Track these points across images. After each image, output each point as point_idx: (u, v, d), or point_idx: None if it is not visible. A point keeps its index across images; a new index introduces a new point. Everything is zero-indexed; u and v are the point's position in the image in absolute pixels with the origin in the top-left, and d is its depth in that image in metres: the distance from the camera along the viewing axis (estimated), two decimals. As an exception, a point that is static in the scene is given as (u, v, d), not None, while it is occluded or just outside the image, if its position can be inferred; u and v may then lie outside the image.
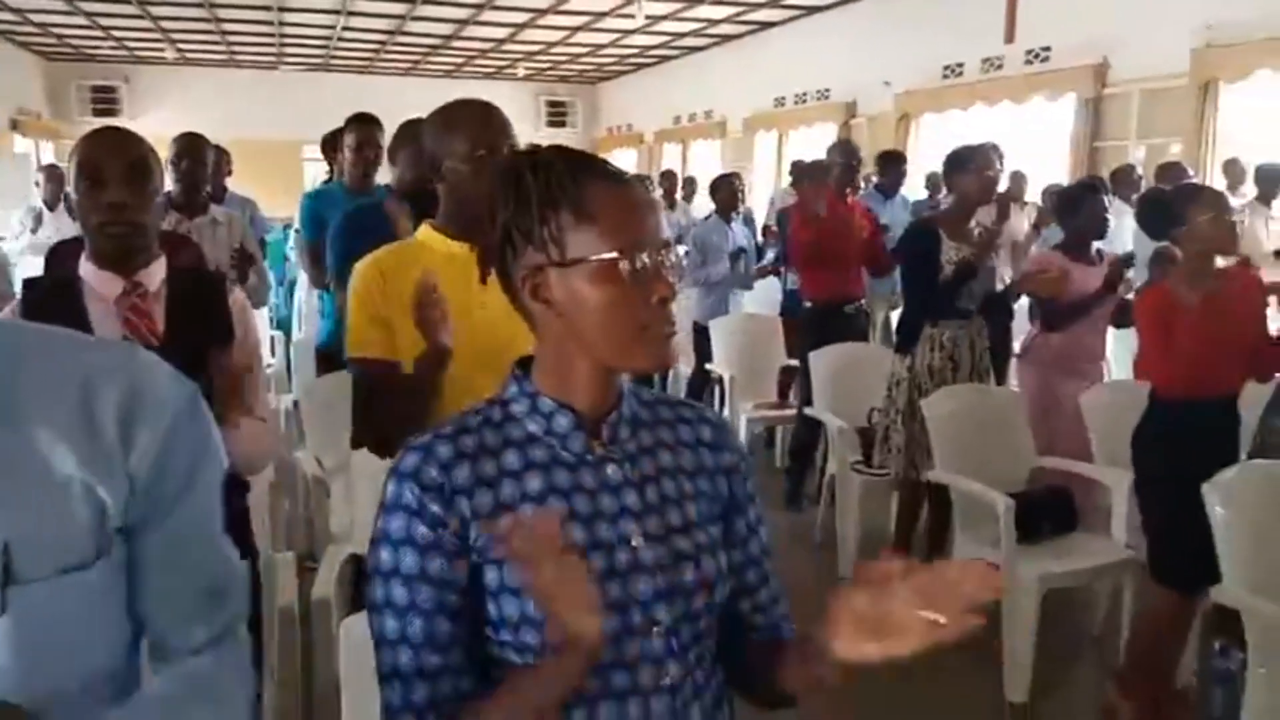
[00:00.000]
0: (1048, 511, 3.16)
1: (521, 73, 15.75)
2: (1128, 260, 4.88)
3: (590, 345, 0.97)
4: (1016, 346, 4.11)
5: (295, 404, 3.73)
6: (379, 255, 1.74)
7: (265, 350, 4.53)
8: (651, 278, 0.95)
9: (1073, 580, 2.98)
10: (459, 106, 1.79)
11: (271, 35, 12.53)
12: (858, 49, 10.40)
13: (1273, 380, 2.87)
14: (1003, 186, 5.90)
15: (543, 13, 11.04)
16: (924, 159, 9.32)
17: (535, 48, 13.67)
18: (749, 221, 6.79)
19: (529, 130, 17.19)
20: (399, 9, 11.01)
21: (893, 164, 6.55)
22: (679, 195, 9.45)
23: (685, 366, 5.52)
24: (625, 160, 16.63)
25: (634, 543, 0.98)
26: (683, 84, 14.52)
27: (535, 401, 1.00)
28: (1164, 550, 2.69)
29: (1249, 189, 6.14)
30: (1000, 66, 8.69)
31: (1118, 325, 3.72)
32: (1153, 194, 3.46)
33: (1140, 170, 6.54)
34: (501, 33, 12.43)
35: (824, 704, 2.96)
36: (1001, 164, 5.54)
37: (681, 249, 5.36)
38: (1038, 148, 8.56)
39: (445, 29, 12.19)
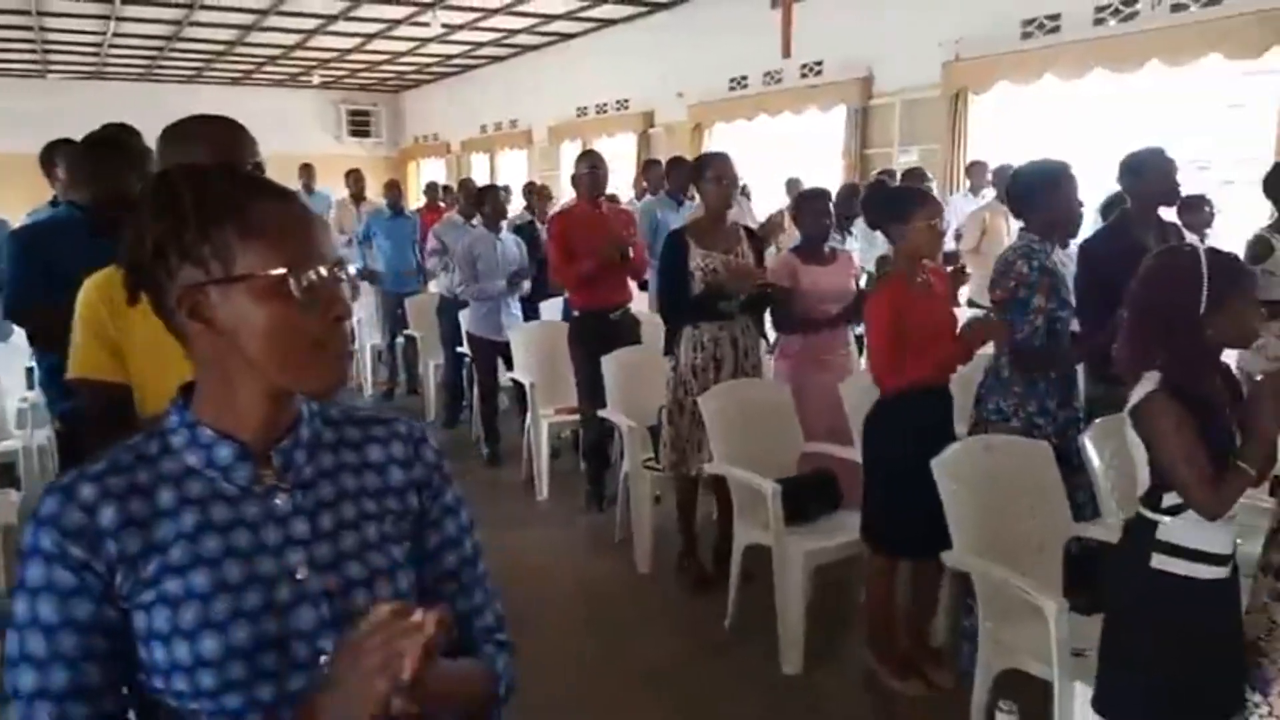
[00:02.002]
0: (814, 493, 3.40)
1: (317, 80, 15.18)
2: (883, 262, 5.33)
3: (258, 366, 0.93)
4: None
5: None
6: (105, 277, 1.68)
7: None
8: (324, 295, 0.93)
9: (837, 554, 3.22)
10: (196, 123, 1.75)
11: (33, 41, 11.52)
12: (653, 61, 10.75)
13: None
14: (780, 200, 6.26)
15: (333, 19, 10.73)
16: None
17: (329, 54, 13.23)
18: (534, 231, 6.85)
19: (330, 140, 16.63)
20: (174, 14, 10.38)
21: (680, 170, 6.81)
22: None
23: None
24: (433, 169, 16.37)
25: (299, 575, 0.95)
26: (489, 93, 14.49)
27: (194, 432, 0.96)
28: (877, 521, 2.97)
29: (989, 191, 6.79)
30: (780, 80, 9.23)
31: (847, 322, 3.92)
32: (878, 190, 3.78)
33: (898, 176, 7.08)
34: (290, 39, 11.97)
35: (603, 685, 3.11)
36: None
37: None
38: (818, 155, 9.12)
39: (228, 34, 11.59)
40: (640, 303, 5.27)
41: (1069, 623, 2.32)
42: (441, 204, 8.47)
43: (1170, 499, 1.95)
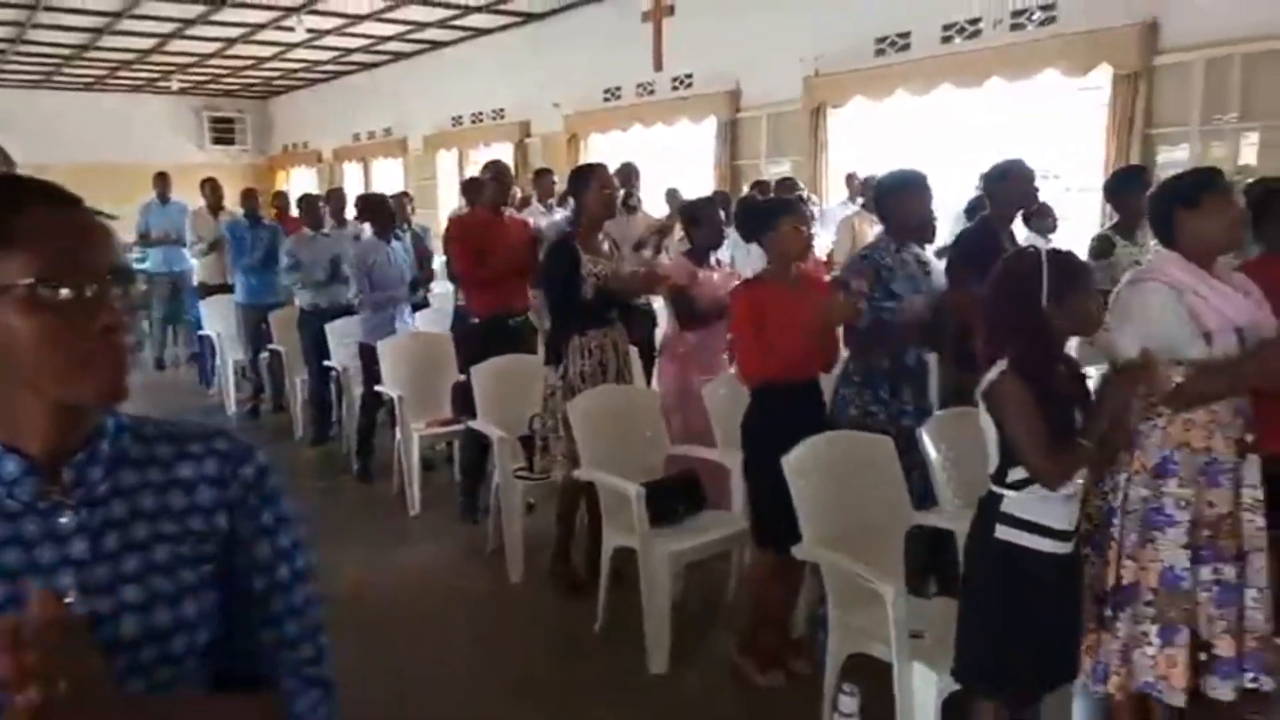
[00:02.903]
0: (679, 495, 3.49)
1: (176, 86, 14.54)
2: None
3: (32, 380, 0.91)
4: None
5: None
6: None
7: None
8: (93, 306, 0.90)
9: (701, 553, 3.32)
10: None
11: None
12: (529, 71, 10.75)
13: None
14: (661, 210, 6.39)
15: (190, 23, 10.31)
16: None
17: (188, 59, 12.70)
18: (420, 239, 6.78)
19: (192, 148, 15.93)
20: (16, 15, 9.77)
21: (546, 180, 6.89)
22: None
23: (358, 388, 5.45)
24: (304, 180, 15.90)
25: (68, 598, 0.89)
26: (361, 101, 14.17)
27: None
28: (763, 519, 3.07)
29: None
30: (652, 91, 9.40)
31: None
32: (748, 201, 3.93)
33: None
34: (146, 43, 11.42)
35: (471, 697, 3.11)
36: (636, 182, 6.00)
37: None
38: (692, 166, 9.30)
39: (78, 38, 10.98)
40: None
41: (909, 606, 2.47)
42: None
43: (1015, 474, 2.11)
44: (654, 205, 7.29)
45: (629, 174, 6.07)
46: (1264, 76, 5.34)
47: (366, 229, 5.78)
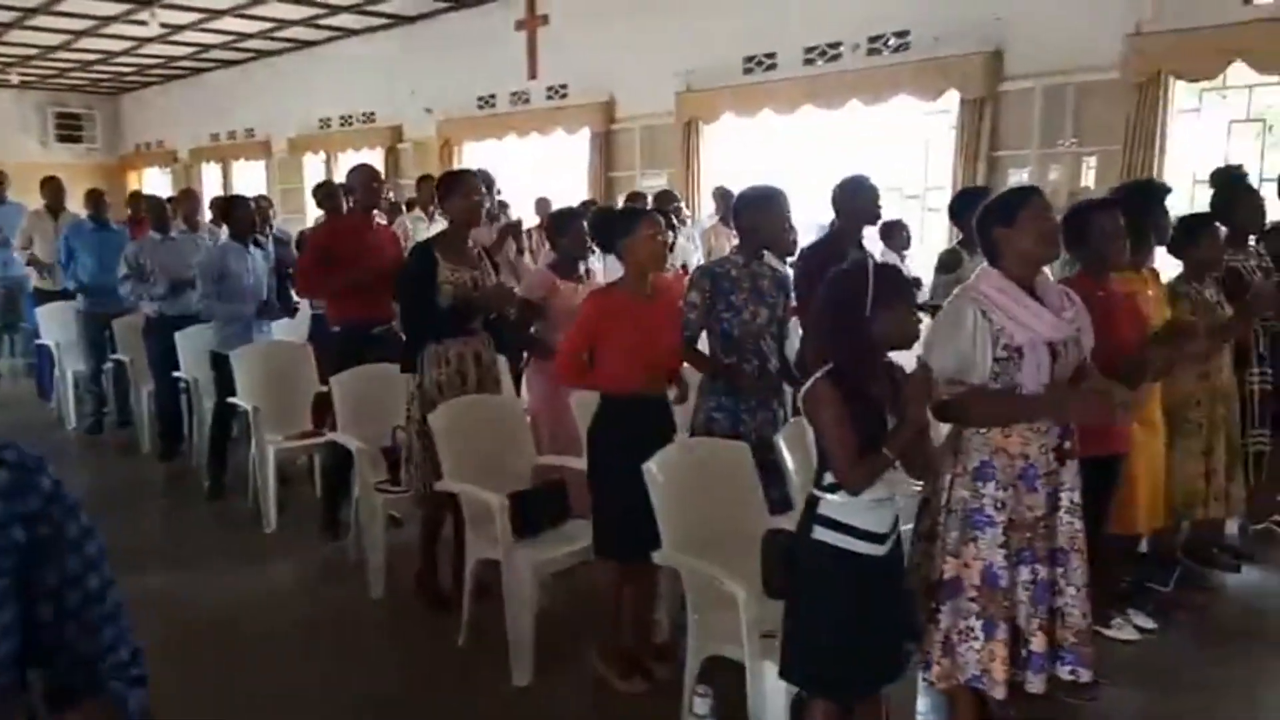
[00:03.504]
0: (545, 505, 3.46)
1: (16, 79, 13.55)
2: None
3: None
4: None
5: None
6: None
7: None
8: None
9: (564, 563, 3.30)
10: None
11: None
12: (400, 75, 10.55)
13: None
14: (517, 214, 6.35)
15: (32, 12, 9.66)
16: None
17: (30, 51, 11.88)
18: (283, 244, 6.54)
19: (34, 145, 14.89)
20: None
21: (428, 187, 6.76)
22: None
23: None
24: (158, 181, 15.09)
25: None
26: (221, 99, 13.57)
27: None
28: (606, 528, 3.08)
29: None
30: (527, 100, 9.38)
31: None
32: (603, 212, 3.96)
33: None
34: (-21, 31, 10.64)
35: (327, 710, 3.00)
36: (493, 190, 5.94)
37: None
38: (568, 176, 9.32)
39: (-103, 22, 10.13)
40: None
41: (763, 607, 2.52)
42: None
43: (830, 477, 2.18)
44: (529, 215, 7.28)
45: (486, 181, 5.98)
46: (1096, 104, 5.78)
47: (224, 233, 5.53)
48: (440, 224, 5.91)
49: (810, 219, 5.89)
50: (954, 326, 2.45)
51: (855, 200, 3.72)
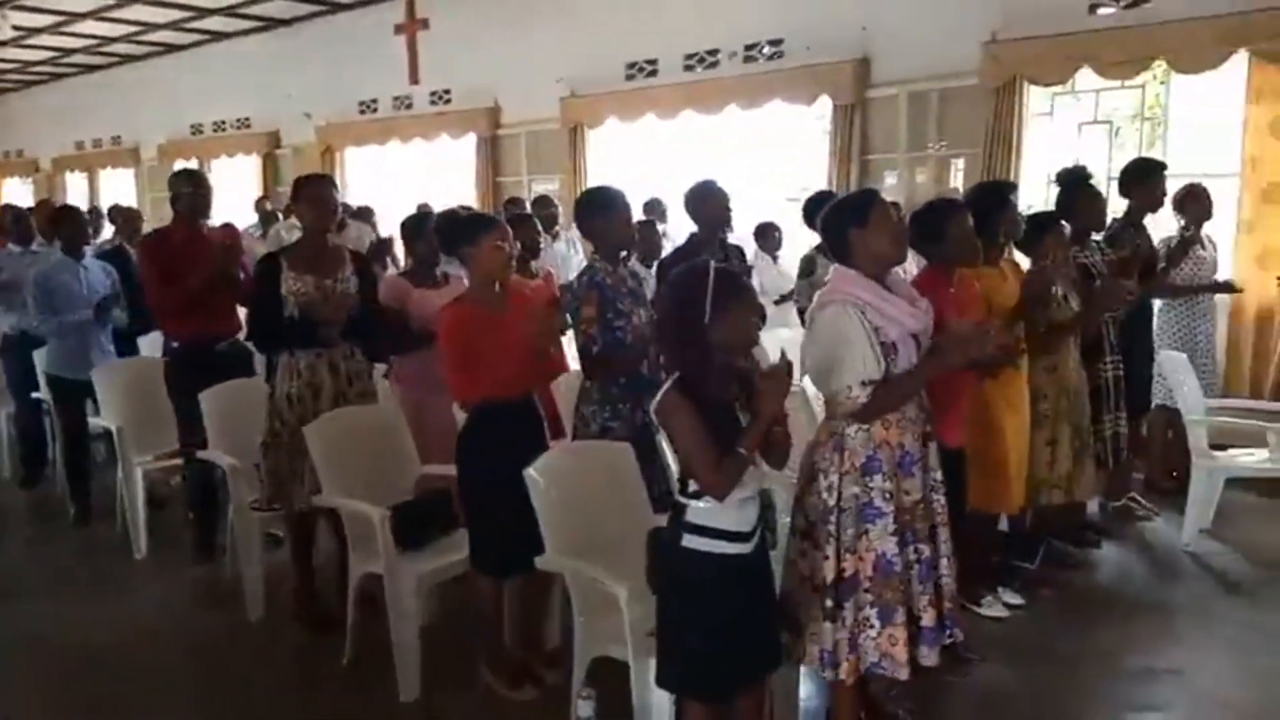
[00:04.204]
0: (429, 516, 3.41)
1: None
2: (566, 288, 5.54)
3: None
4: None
5: None
6: None
7: None
8: None
9: (452, 572, 3.25)
10: None
11: None
12: (278, 79, 10.22)
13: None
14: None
15: None
16: (353, 191, 9.52)
17: None
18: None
19: (-128, 154, 13.83)
20: None
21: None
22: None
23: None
24: (19, 191, 14.20)
25: None
26: (85, 105, 12.87)
27: None
28: (481, 543, 3.05)
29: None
30: (410, 105, 9.22)
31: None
32: (448, 215, 3.90)
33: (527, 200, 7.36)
34: None
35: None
36: (338, 196, 5.72)
37: None
38: (456, 182, 9.22)
39: None
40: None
41: (647, 606, 2.54)
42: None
43: (694, 484, 2.18)
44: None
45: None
46: (958, 109, 6.06)
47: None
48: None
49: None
50: (844, 333, 2.48)
51: (704, 205, 3.76)
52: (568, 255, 6.29)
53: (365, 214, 7.67)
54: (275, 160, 10.55)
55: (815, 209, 4.49)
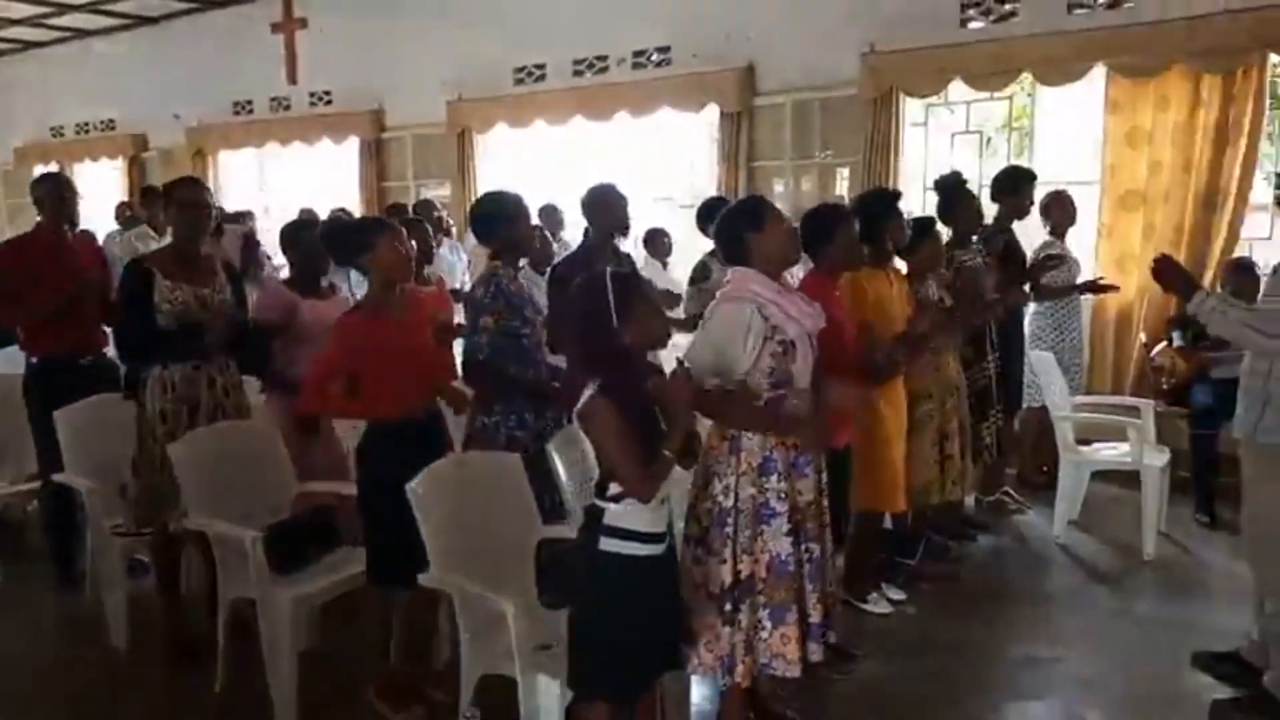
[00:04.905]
0: (308, 535, 3.26)
1: None
2: (456, 294, 5.42)
3: None
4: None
5: None
6: None
7: None
8: None
9: (332, 594, 3.13)
10: None
11: None
12: (145, 79, 9.71)
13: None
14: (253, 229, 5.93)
15: None
16: (228, 195, 9.13)
17: None
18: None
19: None
20: None
21: (156, 200, 6.24)
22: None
23: None
24: None
25: None
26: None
27: None
28: (380, 556, 2.94)
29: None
30: (288, 107, 8.90)
31: None
32: (335, 221, 3.77)
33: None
34: None
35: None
36: (213, 200, 5.47)
37: None
38: (338, 187, 8.92)
39: None
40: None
41: (536, 620, 2.50)
42: None
43: (614, 487, 2.19)
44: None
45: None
46: (841, 118, 6.21)
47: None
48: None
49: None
50: (731, 325, 2.53)
51: (603, 210, 3.75)
52: (453, 262, 6.16)
53: (243, 219, 7.32)
54: (142, 164, 10.01)
55: (710, 214, 4.54)
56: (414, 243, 3.11)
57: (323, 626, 3.42)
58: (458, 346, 3.51)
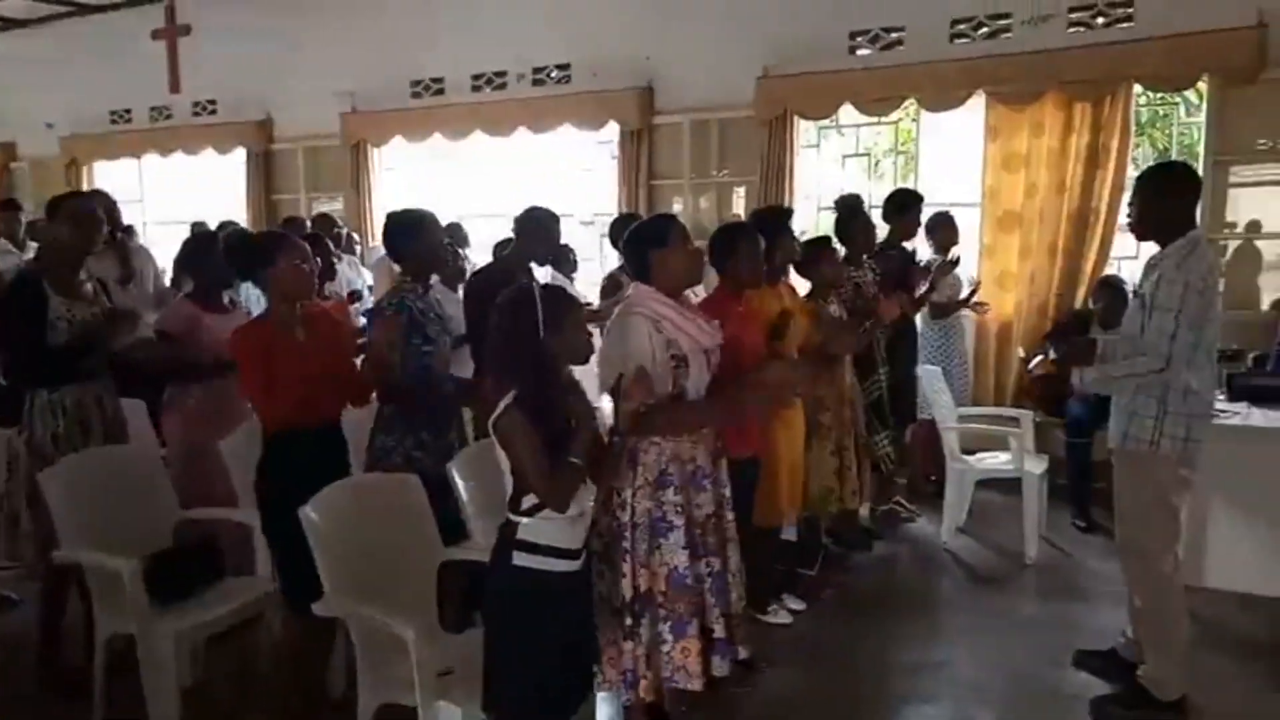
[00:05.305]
0: (193, 565, 3.11)
1: None
2: (355, 294, 5.27)
3: None
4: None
5: None
6: None
7: None
8: None
9: (216, 626, 2.99)
10: None
11: None
12: (12, 86, 9.15)
13: (370, 403, 3.26)
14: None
15: None
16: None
17: None
18: None
19: None
20: None
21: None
22: None
23: None
24: None
25: None
26: None
27: None
28: (292, 576, 2.82)
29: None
30: (169, 116, 8.55)
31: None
32: (240, 238, 3.68)
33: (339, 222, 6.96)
34: None
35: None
36: (118, 215, 5.24)
37: None
38: (225, 200, 8.58)
39: None
40: None
41: (441, 644, 2.44)
42: None
43: (528, 501, 2.16)
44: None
45: (106, 206, 5.26)
46: (737, 138, 6.34)
47: None
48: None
49: (488, 244, 5.94)
50: (627, 340, 2.56)
51: (535, 232, 3.79)
52: (353, 279, 6.01)
53: (128, 233, 6.92)
54: (10, 175, 9.44)
55: (620, 230, 4.57)
56: (317, 259, 3.04)
57: (208, 660, 3.29)
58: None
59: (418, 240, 3.18)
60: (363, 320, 4.29)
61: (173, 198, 8.91)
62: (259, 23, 7.77)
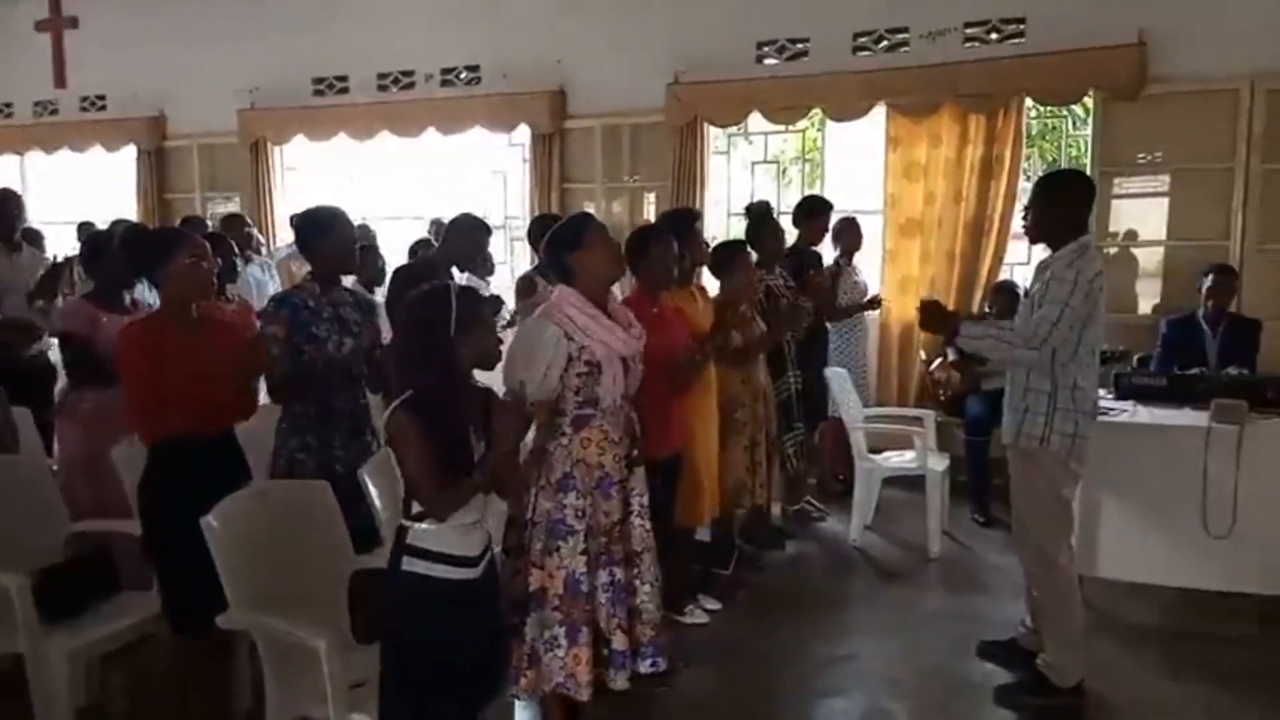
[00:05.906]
0: (85, 579, 2.96)
1: None
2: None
3: None
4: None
5: None
6: None
7: None
8: None
9: (112, 644, 2.85)
10: None
11: None
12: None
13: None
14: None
15: None
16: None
17: None
18: None
19: None
20: None
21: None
22: None
23: None
24: None
25: None
26: None
27: None
28: (177, 598, 2.71)
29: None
30: (55, 111, 8.13)
31: None
32: (135, 231, 3.56)
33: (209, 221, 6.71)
34: None
35: None
36: (19, 214, 4.96)
37: None
38: (115, 198, 8.19)
39: None
40: None
41: (354, 655, 2.37)
42: None
43: (417, 505, 2.12)
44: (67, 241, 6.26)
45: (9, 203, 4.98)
46: (649, 144, 6.39)
47: None
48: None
49: (400, 246, 5.83)
50: (533, 346, 2.55)
51: (462, 239, 3.84)
52: (264, 280, 5.81)
53: (35, 237, 6.50)
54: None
55: (539, 231, 4.55)
56: (218, 259, 2.94)
57: (103, 679, 3.13)
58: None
59: (327, 239, 3.10)
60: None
61: (59, 196, 8.46)
62: (152, 15, 7.46)
